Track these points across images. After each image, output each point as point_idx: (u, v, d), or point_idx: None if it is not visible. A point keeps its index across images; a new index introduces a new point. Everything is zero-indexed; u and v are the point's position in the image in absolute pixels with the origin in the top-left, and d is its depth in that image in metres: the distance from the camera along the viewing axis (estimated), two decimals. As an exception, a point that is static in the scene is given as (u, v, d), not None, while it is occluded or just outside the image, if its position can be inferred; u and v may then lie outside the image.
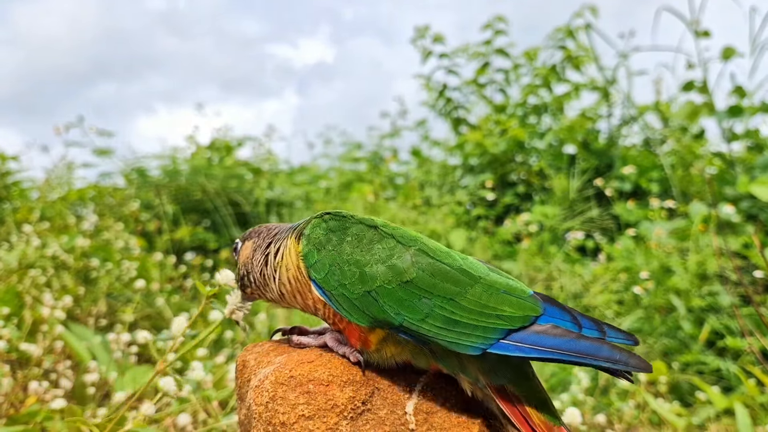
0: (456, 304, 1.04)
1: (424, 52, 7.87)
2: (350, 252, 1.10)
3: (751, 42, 6.11)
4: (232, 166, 7.07)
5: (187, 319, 1.59)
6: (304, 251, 1.14)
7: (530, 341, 1.01)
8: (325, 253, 1.11)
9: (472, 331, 1.02)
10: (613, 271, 4.53)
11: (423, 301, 1.04)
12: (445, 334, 1.02)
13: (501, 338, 1.02)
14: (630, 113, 6.83)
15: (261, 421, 1.08)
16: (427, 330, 1.03)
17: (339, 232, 1.13)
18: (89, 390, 2.56)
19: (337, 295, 1.09)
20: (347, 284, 1.08)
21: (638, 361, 1.00)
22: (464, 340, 1.02)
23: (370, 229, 1.12)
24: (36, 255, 3.87)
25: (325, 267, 1.10)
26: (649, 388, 3.34)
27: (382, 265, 1.08)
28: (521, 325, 1.02)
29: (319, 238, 1.13)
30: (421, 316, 1.03)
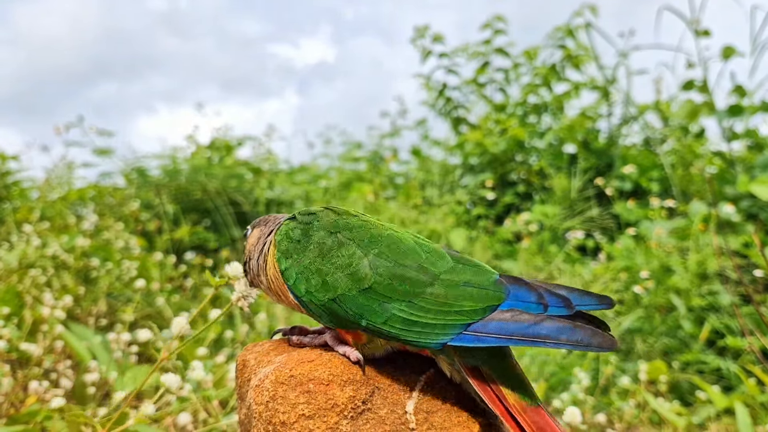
0: (413, 305, 1.05)
1: (423, 52, 7.87)
2: (312, 261, 1.12)
3: (752, 41, 6.11)
4: (232, 166, 7.08)
5: (188, 318, 1.58)
6: (276, 257, 1.17)
7: (489, 330, 1.01)
8: (291, 261, 1.14)
9: (431, 330, 1.04)
10: (614, 270, 4.53)
11: (383, 305, 1.06)
12: (406, 334, 1.05)
13: (461, 332, 1.02)
14: (630, 112, 6.83)
15: (261, 420, 1.08)
16: (388, 331, 1.06)
17: (303, 240, 1.15)
18: (89, 390, 2.56)
19: (307, 301, 1.12)
20: (314, 292, 1.11)
21: (601, 340, 0.98)
22: (424, 338, 1.04)
23: (331, 236, 1.13)
24: (36, 255, 3.87)
25: (293, 275, 1.13)
26: (649, 388, 3.34)
27: (341, 273, 1.09)
28: (480, 317, 1.03)
29: (286, 246, 1.16)
30: (382, 319, 1.06)
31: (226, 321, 4.07)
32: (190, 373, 2.13)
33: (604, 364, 3.48)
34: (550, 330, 0.99)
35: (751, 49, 6.11)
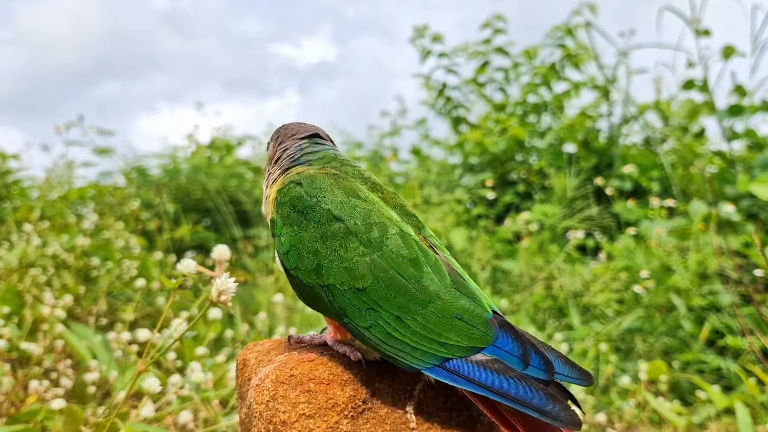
0: (401, 323, 1.02)
1: (423, 52, 7.87)
2: (311, 240, 1.08)
3: (752, 41, 6.11)
4: (233, 165, 7.07)
5: (181, 318, 1.58)
6: (273, 216, 1.14)
7: (464, 371, 0.99)
8: (288, 230, 1.10)
9: (411, 351, 1.01)
10: (614, 270, 4.53)
11: (371, 311, 1.03)
12: (385, 347, 1.02)
13: (437, 364, 1.00)
14: (630, 112, 6.83)
15: (262, 419, 1.08)
16: (368, 338, 1.03)
17: (307, 213, 1.09)
18: (90, 389, 2.56)
19: (294, 275, 1.09)
20: (303, 270, 1.07)
21: (570, 417, 0.94)
22: (401, 357, 1.02)
23: (337, 222, 1.08)
24: (36, 254, 3.87)
25: (287, 245, 1.09)
26: (649, 387, 3.35)
27: (339, 264, 1.05)
28: (462, 355, 1.00)
29: (287, 212, 1.11)
30: (365, 324, 1.03)
31: (226, 320, 4.08)
32: (190, 374, 2.13)
33: (604, 364, 3.48)
34: (523, 392, 0.96)
35: (751, 48, 6.11)
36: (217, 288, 1.34)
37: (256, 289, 4.83)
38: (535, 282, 4.67)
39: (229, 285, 1.34)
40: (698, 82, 6.32)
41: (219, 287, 1.34)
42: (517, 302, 4.46)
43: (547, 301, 4.44)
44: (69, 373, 2.75)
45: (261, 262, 5.37)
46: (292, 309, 4.20)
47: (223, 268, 1.50)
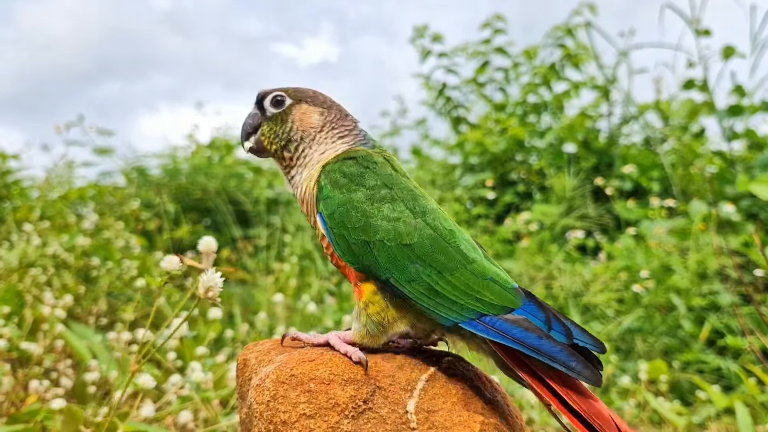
0: (443, 277, 1.12)
1: (423, 52, 7.87)
2: (361, 200, 1.16)
3: (752, 41, 6.11)
4: (232, 165, 7.07)
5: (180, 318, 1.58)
6: (322, 183, 1.20)
7: (499, 326, 1.09)
8: (337, 192, 1.17)
9: (450, 305, 1.11)
10: (614, 269, 4.53)
11: (414, 265, 1.12)
12: (425, 300, 1.11)
13: (474, 318, 1.10)
14: (630, 112, 6.83)
15: (262, 419, 1.08)
16: (409, 291, 1.12)
17: (356, 178, 1.19)
18: (90, 389, 2.56)
19: (338, 234, 1.16)
20: (349, 228, 1.15)
21: (591, 373, 1.09)
22: (441, 311, 1.11)
23: (386, 188, 1.18)
24: (36, 254, 3.87)
25: (334, 205, 1.17)
26: (649, 387, 3.35)
27: (387, 223, 1.15)
28: (495, 312, 1.11)
29: (336, 177, 1.19)
30: (408, 278, 1.12)
31: (226, 320, 4.08)
32: (190, 373, 2.13)
33: (604, 364, 3.48)
34: (551, 348, 1.08)
35: (751, 48, 6.11)
36: (204, 284, 1.33)
37: (256, 289, 4.83)
38: (534, 282, 4.66)
39: (215, 280, 1.33)
40: (698, 82, 6.32)
41: (205, 283, 1.33)
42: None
43: (548, 301, 4.43)
44: (69, 372, 2.75)
45: (261, 262, 5.37)
46: (292, 309, 4.20)
47: (210, 260, 1.49)
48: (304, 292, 4.55)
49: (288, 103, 1.29)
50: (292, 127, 1.28)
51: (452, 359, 1.22)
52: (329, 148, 1.27)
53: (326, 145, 1.28)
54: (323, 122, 1.29)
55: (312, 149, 1.27)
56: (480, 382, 1.20)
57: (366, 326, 1.16)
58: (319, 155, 1.27)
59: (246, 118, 1.33)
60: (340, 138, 1.29)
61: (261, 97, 1.31)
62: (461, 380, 1.16)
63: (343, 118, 1.32)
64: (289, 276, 4.67)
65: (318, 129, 1.29)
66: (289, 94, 1.30)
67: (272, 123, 1.29)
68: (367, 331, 1.16)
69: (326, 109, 1.31)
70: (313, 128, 1.28)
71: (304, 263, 5.21)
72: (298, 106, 1.29)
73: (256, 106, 1.32)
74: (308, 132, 1.28)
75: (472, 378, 1.19)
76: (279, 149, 1.29)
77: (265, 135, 1.30)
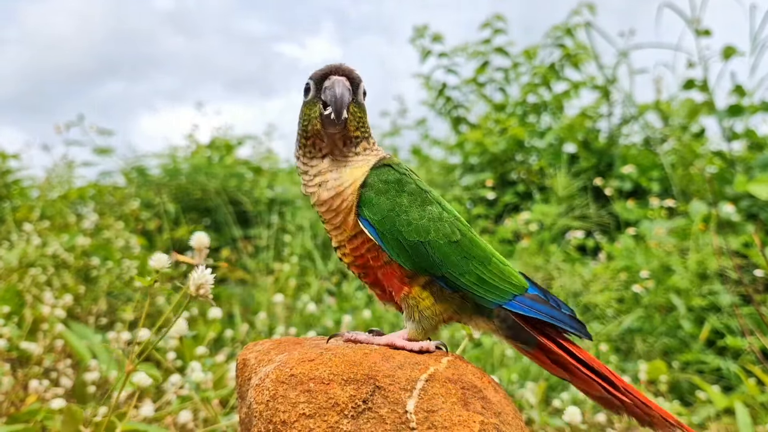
0: (486, 268, 1.29)
1: (423, 52, 7.87)
2: (407, 205, 1.26)
3: (752, 40, 6.11)
4: (232, 165, 7.07)
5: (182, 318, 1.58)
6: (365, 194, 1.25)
7: (528, 304, 1.31)
8: (384, 198, 1.25)
9: (495, 290, 1.29)
10: (613, 270, 4.53)
11: (464, 260, 1.27)
12: (477, 289, 1.27)
13: (511, 299, 1.31)
14: (630, 112, 6.83)
15: (262, 419, 1.08)
16: (463, 283, 1.26)
17: (397, 184, 1.27)
18: (89, 389, 2.56)
19: (390, 238, 1.24)
20: (402, 231, 1.24)
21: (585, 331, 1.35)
22: (488, 296, 1.28)
23: (422, 192, 1.30)
24: (36, 254, 3.87)
25: (383, 211, 1.24)
26: (649, 387, 3.35)
27: (433, 224, 1.27)
28: (520, 293, 1.32)
29: (378, 185, 1.26)
30: (460, 271, 1.26)
31: (225, 320, 4.08)
32: (190, 373, 2.13)
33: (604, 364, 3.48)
34: (560, 316, 1.33)
35: (751, 48, 6.11)
36: (195, 281, 1.32)
37: (256, 289, 4.83)
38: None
39: (206, 278, 1.33)
40: (698, 82, 6.32)
41: (196, 281, 1.32)
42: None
43: (547, 301, 4.43)
44: (69, 372, 2.75)
45: (261, 262, 5.37)
46: (292, 309, 4.20)
47: (202, 255, 1.49)
48: (304, 292, 4.55)
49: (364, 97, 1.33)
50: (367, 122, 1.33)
51: (452, 359, 1.22)
52: (374, 150, 1.33)
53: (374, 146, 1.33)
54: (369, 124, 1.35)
55: (366, 150, 1.31)
56: (480, 381, 1.20)
57: (420, 323, 1.26)
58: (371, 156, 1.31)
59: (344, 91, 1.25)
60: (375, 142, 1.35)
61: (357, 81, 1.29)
62: (461, 380, 1.16)
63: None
64: (288, 276, 4.68)
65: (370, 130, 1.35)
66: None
67: (362, 110, 1.31)
68: (422, 327, 1.27)
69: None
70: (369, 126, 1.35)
71: (304, 263, 5.21)
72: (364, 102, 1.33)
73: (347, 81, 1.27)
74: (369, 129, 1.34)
75: (472, 378, 1.19)
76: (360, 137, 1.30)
77: (354, 117, 1.28)
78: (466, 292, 1.27)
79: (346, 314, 3.68)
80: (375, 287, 1.34)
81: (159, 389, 2.61)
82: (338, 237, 1.30)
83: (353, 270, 1.34)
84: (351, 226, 1.27)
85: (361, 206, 1.25)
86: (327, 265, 5.23)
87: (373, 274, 1.30)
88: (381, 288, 1.32)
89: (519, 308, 1.30)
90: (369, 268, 1.29)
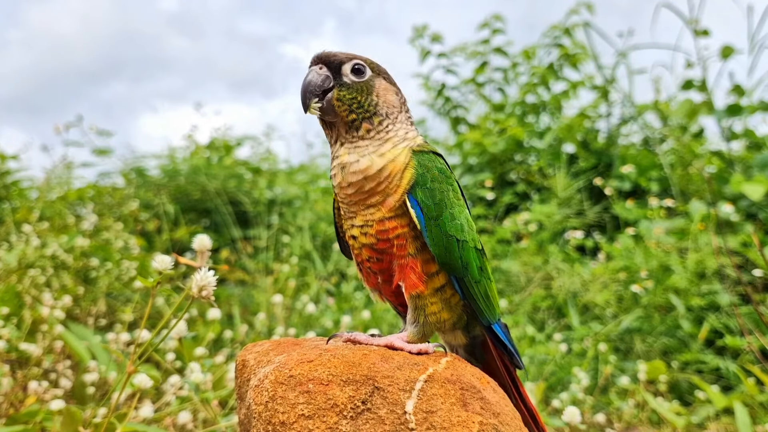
0: (490, 286, 1.32)
1: (422, 52, 7.86)
2: (453, 200, 1.26)
3: (750, 40, 6.11)
4: (232, 166, 7.07)
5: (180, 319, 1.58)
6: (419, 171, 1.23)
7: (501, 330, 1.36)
8: (439, 186, 1.24)
9: (491, 309, 1.32)
10: (613, 270, 4.53)
11: (480, 270, 1.29)
12: (482, 302, 1.29)
13: (496, 322, 1.35)
14: (629, 112, 6.83)
15: (261, 420, 1.08)
16: (476, 292, 1.28)
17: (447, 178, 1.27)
18: (89, 389, 2.56)
19: (434, 226, 1.21)
20: (447, 223, 1.23)
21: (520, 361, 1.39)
22: (487, 313, 1.31)
23: (460, 194, 1.31)
24: (35, 255, 3.87)
25: (435, 197, 1.23)
26: (648, 387, 3.35)
27: (468, 226, 1.28)
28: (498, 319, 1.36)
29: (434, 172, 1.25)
30: (476, 279, 1.28)
31: (225, 321, 4.08)
32: (189, 374, 2.13)
33: (603, 364, 3.49)
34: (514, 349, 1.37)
35: (749, 48, 6.11)
36: (197, 283, 1.33)
37: (255, 290, 4.83)
38: (533, 282, 4.67)
39: (209, 279, 1.33)
40: (697, 82, 6.33)
41: (199, 282, 1.32)
42: (516, 302, 4.46)
43: (547, 301, 4.44)
44: (68, 373, 2.75)
45: (260, 263, 5.37)
46: (291, 309, 4.20)
47: (205, 258, 1.50)
48: (303, 293, 4.55)
49: (369, 73, 1.28)
50: (378, 101, 1.26)
51: (451, 360, 1.22)
52: (410, 130, 1.31)
53: (407, 126, 1.31)
54: (400, 103, 1.31)
55: (396, 127, 1.28)
56: (478, 382, 1.20)
57: (423, 327, 1.26)
58: (404, 134, 1.28)
59: (311, 78, 1.25)
60: (412, 124, 1.33)
61: (337, 61, 1.26)
62: (460, 380, 1.16)
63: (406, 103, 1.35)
64: (288, 276, 4.68)
65: (399, 109, 1.30)
66: (369, 65, 1.29)
67: (353, 91, 1.25)
68: (423, 332, 1.27)
69: (398, 90, 1.33)
70: (395, 107, 1.29)
71: (303, 264, 5.21)
72: (379, 80, 1.29)
73: (326, 69, 1.26)
74: (392, 110, 1.28)
75: (471, 378, 1.19)
76: (359, 119, 1.25)
77: (344, 102, 1.24)
78: (474, 303, 1.28)
79: (345, 315, 3.68)
80: (381, 274, 1.28)
81: (158, 390, 2.61)
82: (366, 216, 1.24)
83: (365, 252, 1.26)
84: (391, 207, 1.22)
85: (415, 187, 1.21)
86: (326, 266, 5.23)
87: (389, 262, 1.24)
88: (386, 276, 1.27)
89: (500, 331, 1.34)
90: (387, 255, 1.24)
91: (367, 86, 1.26)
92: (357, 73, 1.26)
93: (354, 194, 1.23)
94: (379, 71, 1.30)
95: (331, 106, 1.24)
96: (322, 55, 1.27)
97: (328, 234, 5.64)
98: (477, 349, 1.40)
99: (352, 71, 1.26)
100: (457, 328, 1.35)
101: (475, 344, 1.40)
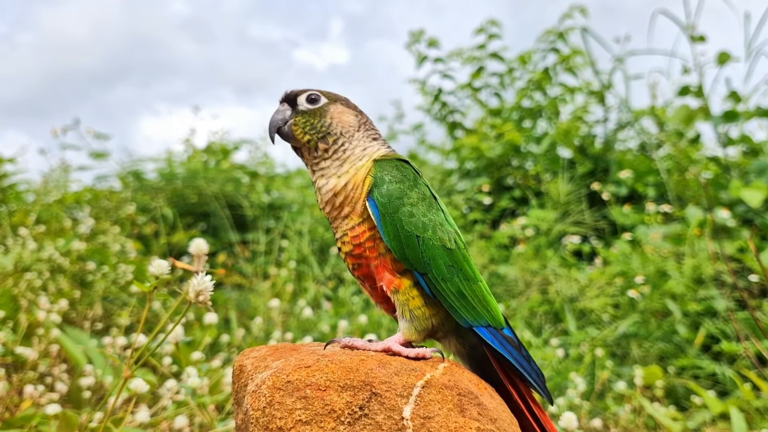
0: (468, 285, 1.30)
1: (419, 57, 7.88)
2: (415, 199, 1.30)
3: (746, 47, 6.14)
4: (229, 170, 7.06)
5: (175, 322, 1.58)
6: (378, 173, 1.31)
7: (500, 339, 1.32)
8: (396, 186, 1.30)
9: (471, 310, 1.30)
10: (609, 275, 4.54)
11: (449, 267, 1.29)
12: (453, 300, 1.28)
13: (484, 326, 1.31)
14: (626, 118, 6.85)
15: (258, 426, 1.08)
16: (442, 289, 1.28)
17: (410, 180, 1.33)
18: (85, 394, 2.55)
19: (389, 220, 1.27)
20: (403, 220, 1.27)
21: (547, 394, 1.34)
22: (463, 312, 1.29)
23: (432, 198, 1.35)
24: (32, 258, 3.86)
25: (392, 195, 1.29)
26: (645, 392, 3.35)
27: (434, 226, 1.30)
28: (495, 326, 1.33)
29: (394, 173, 1.32)
30: (442, 276, 1.28)
31: (222, 325, 4.07)
32: (186, 378, 2.12)
33: (600, 369, 3.49)
34: (527, 367, 1.33)
35: (745, 54, 6.14)
36: (194, 288, 1.33)
37: (253, 294, 4.82)
38: (530, 287, 4.67)
39: (206, 284, 1.33)
40: (693, 88, 6.35)
41: (196, 287, 1.33)
42: (513, 307, 4.46)
43: (543, 306, 4.44)
44: (64, 377, 2.74)
45: (258, 267, 5.37)
46: (288, 314, 4.19)
47: (201, 262, 1.50)
48: (301, 297, 4.54)
49: (323, 101, 1.40)
50: (332, 122, 1.38)
51: (448, 365, 1.23)
52: (369, 146, 1.39)
53: (366, 142, 1.39)
54: (359, 123, 1.41)
55: (352, 144, 1.37)
56: (476, 388, 1.20)
57: (413, 322, 1.28)
58: (361, 150, 1.37)
59: (275, 114, 1.41)
60: (374, 140, 1.41)
61: (293, 95, 1.41)
62: (457, 386, 1.16)
63: (371, 123, 1.45)
64: (285, 281, 4.67)
65: (356, 128, 1.40)
66: (324, 94, 1.42)
67: (308, 116, 1.39)
68: (415, 328, 1.29)
69: (359, 113, 1.43)
70: (351, 126, 1.39)
71: (301, 268, 5.20)
72: (334, 105, 1.41)
73: (285, 104, 1.41)
74: (347, 129, 1.38)
75: (468, 384, 1.19)
76: (314, 140, 1.37)
77: (298, 125, 1.38)
78: (443, 300, 1.28)
79: (343, 319, 3.68)
80: (367, 281, 1.35)
81: (155, 394, 2.60)
82: (343, 228, 1.34)
83: (349, 261, 1.35)
84: (359, 213, 1.31)
85: (373, 189, 1.30)
86: (324, 270, 5.23)
87: (366, 266, 1.32)
88: (372, 282, 1.34)
89: (489, 338, 1.31)
90: (364, 259, 1.32)
91: (320, 111, 1.39)
92: (311, 102, 1.40)
93: (331, 211, 1.35)
94: (336, 98, 1.42)
95: (291, 131, 1.39)
96: (285, 95, 1.43)
97: (326, 238, 5.64)
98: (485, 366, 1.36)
99: (307, 100, 1.40)
100: (447, 333, 1.36)
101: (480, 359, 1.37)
